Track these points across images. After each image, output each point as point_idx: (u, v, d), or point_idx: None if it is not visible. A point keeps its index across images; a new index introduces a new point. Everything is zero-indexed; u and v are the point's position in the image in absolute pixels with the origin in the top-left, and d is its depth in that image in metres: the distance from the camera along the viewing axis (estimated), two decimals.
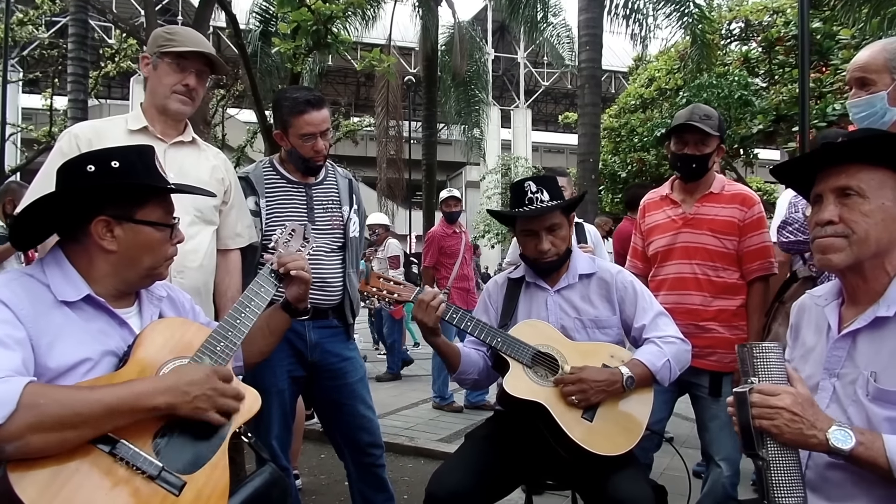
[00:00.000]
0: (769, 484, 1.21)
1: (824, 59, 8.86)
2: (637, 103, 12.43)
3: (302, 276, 1.65)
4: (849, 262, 1.29)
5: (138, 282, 1.44)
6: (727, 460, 2.38)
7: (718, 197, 2.50)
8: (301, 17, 3.71)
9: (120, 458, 1.17)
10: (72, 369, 1.24)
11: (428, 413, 5.35)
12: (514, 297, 2.19)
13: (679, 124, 2.44)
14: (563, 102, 34.18)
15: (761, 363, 1.26)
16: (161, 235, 1.42)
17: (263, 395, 2.26)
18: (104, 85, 18.81)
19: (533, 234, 2.09)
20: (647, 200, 2.73)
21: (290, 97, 2.30)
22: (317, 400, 2.54)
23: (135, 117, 2.04)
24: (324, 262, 2.35)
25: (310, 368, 2.38)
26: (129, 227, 1.36)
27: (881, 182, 1.27)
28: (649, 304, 2.13)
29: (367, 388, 2.50)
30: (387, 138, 18.16)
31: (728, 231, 2.45)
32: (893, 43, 1.84)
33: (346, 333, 2.47)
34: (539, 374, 1.96)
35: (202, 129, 3.34)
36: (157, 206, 1.41)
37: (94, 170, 1.32)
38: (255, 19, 11.94)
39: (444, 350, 2.05)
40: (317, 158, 2.34)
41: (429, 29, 15.63)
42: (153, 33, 2.09)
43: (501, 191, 23.00)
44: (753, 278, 2.45)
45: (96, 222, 1.33)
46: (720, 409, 2.39)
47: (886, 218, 1.26)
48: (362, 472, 2.46)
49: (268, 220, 2.33)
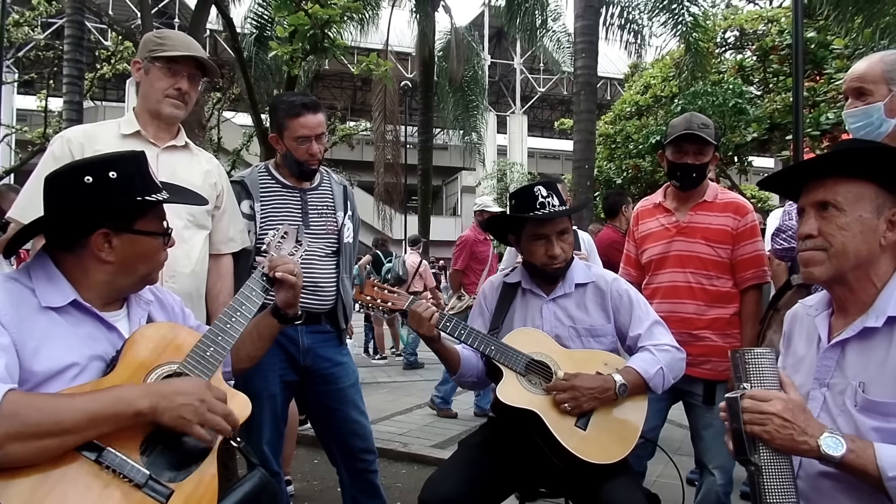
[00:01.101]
0: (761, 490, 1.21)
1: (818, 68, 8.91)
2: (632, 110, 12.45)
3: (287, 280, 1.61)
4: (830, 274, 1.31)
5: (131, 288, 1.44)
6: (721, 468, 2.37)
7: (712, 205, 2.50)
8: (298, 21, 3.70)
9: (106, 466, 1.15)
10: (59, 374, 1.23)
11: (422, 419, 5.34)
12: (508, 301, 2.19)
13: (681, 134, 2.43)
14: (558, 109, 34.26)
15: (754, 369, 1.26)
16: (157, 243, 1.43)
17: (254, 399, 2.25)
18: (100, 87, 18.77)
19: (545, 239, 2.07)
20: (641, 208, 2.73)
21: (287, 101, 2.34)
22: (309, 405, 2.53)
23: (127, 122, 2.03)
24: (317, 266, 2.35)
25: (302, 373, 2.37)
26: (126, 238, 1.36)
27: (859, 194, 1.29)
28: (645, 312, 2.12)
29: (360, 394, 2.49)
30: (384, 143, 18.18)
31: (721, 239, 2.45)
32: (891, 55, 1.85)
33: (338, 338, 2.47)
34: (533, 382, 1.96)
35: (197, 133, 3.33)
36: (154, 216, 1.42)
37: (93, 181, 1.30)
38: (250, 24, 11.94)
39: (445, 355, 2.06)
40: (311, 162, 2.35)
41: (426, 34, 15.66)
42: (144, 38, 2.09)
43: (497, 196, 23.02)
44: (747, 287, 2.45)
45: (97, 235, 1.32)
46: (714, 417, 2.38)
47: (864, 230, 1.28)
48: (355, 478, 2.45)
49: (262, 224, 2.33)
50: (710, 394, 2.41)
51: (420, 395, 6.21)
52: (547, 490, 2.17)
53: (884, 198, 1.28)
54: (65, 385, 1.22)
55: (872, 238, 1.27)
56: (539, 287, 2.17)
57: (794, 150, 5.47)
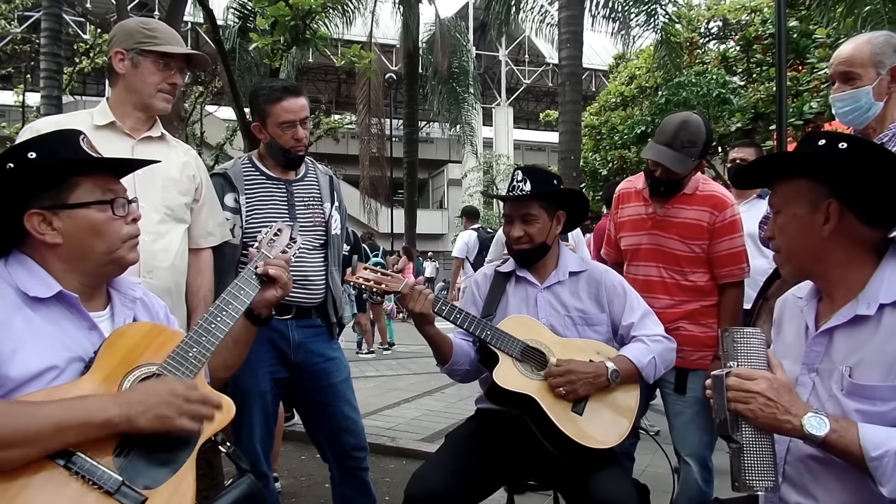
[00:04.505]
0: (741, 466, 1.22)
1: (801, 57, 8.97)
2: (617, 101, 12.47)
3: (281, 278, 1.55)
4: (793, 272, 1.37)
5: (100, 270, 1.34)
6: (693, 456, 2.38)
7: (690, 198, 2.42)
8: (279, 13, 3.64)
9: (76, 472, 1.09)
10: (36, 378, 1.16)
11: (410, 413, 5.32)
12: (500, 289, 2.19)
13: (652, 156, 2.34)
14: (544, 100, 34.24)
15: (742, 348, 1.27)
16: (104, 215, 1.30)
17: (244, 397, 2.24)
18: (79, 81, 18.44)
19: (509, 220, 2.15)
20: (623, 190, 2.66)
21: (267, 86, 2.29)
22: (299, 401, 2.49)
23: (101, 112, 1.97)
24: (306, 259, 2.30)
25: (293, 369, 2.32)
26: (65, 215, 1.27)
27: (794, 192, 1.31)
28: (637, 303, 2.15)
29: (352, 389, 2.45)
30: (369, 136, 18.06)
31: (696, 235, 2.39)
32: (879, 36, 1.83)
33: (329, 332, 2.42)
34: (528, 368, 1.96)
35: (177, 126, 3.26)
36: (93, 186, 1.30)
37: (14, 167, 1.24)
38: (233, 15, 11.78)
39: (437, 340, 2.03)
40: (297, 148, 2.29)
41: (409, 26, 15.56)
42: (127, 27, 2.01)
43: (484, 188, 23.03)
44: (725, 283, 2.43)
45: (28, 218, 1.25)
46: (685, 405, 2.40)
47: (801, 227, 1.30)
48: (346, 475, 2.42)
49: (248, 217, 2.28)
50: (682, 382, 2.40)
51: (408, 389, 6.20)
52: (536, 482, 2.16)
53: (818, 190, 1.27)
54: (42, 388, 1.16)
55: (812, 233, 1.28)
56: (532, 275, 2.17)
57: (777, 140, 5.50)
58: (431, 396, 5.93)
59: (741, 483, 1.22)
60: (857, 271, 1.28)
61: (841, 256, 1.28)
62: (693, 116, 2.36)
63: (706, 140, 2.34)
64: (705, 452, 2.39)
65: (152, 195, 1.93)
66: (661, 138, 2.34)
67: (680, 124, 2.32)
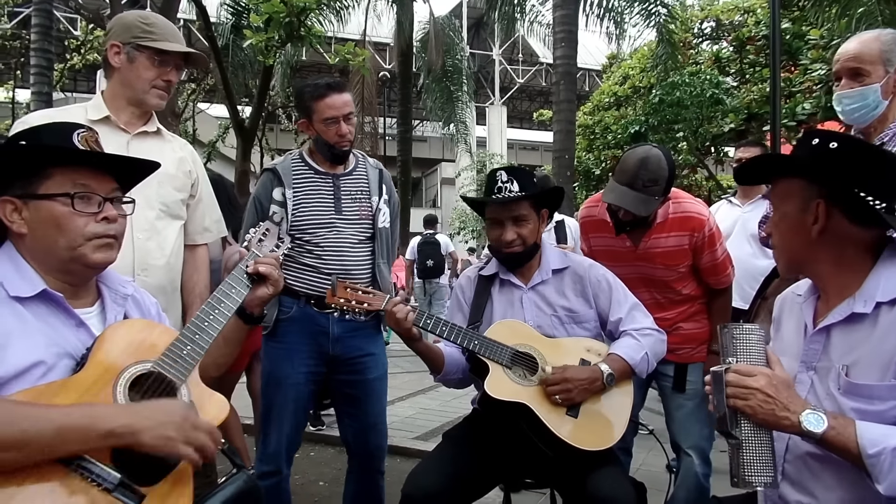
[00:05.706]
0: (740, 462, 1.22)
1: (793, 58, 9.01)
2: (611, 101, 12.50)
3: (271, 275, 1.54)
4: (788, 268, 1.40)
5: (65, 267, 1.28)
6: (695, 448, 2.38)
7: (664, 225, 2.33)
8: (273, 9, 3.64)
9: (75, 469, 1.08)
10: (23, 374, 1.14)
11: (404, 411, 5.30)
12: (485, 293, 2.16)
13: (612, 200, 2.21)
14: (537, 100, 34.25)
15: (741, 344, 1.26)
16: (65, 209, 1.25)
17: (278, 385, 2.27)
18: (70, 78, 18.32)
19: (498, 224, 2.08)
20: (588, 218, 2.52)
21: (311, 84, 2.33)
22: (334, 393, 2.50)
23: (95, 106, 1.95)
24: (349, 253, 2.32)
25: (330, 362, 2.33)
26: (32, 205, 1.25)
27: (786, 191, 1.33)
28: (623, 296, 2.13)
29: (385, 389, 2.46)
30: (362, 134, 18.01)
31: (680, 259, 2.36)
32: (887, 34, 1.83)
33: (374, 327, 2.42)
34: (518, 374, 1.94)
35: (171, 122, 3.25)
36: (64, 178, 1.26)
37: (2, 151, 1.25)
38: (226, 12, 11.70)
39: (427, 354, 2.01)
40: (342, 143, 2.32)
41: (403, 24, 15.53)
42: (125, 20, 1.98)
43: (477, 187, 22.99)
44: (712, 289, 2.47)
45: (1, 205, 1.24)
46: (686, 398, 2.41)
47: (791, 227, 1.32)
48: (363, 475, 2.45)
49: (294, 210, 2.29)
50: (681, 378, 2.42)
51: (402, 387, 6.18)
52: (533, 481, 2.16)
53: (809, 190, 1.28)
54: (30, 385, 1.14)
55: (802, 232, 1.29)
56: (516, 276, 2.15)
57: (771, 141, 5.53)
58: (426, 395, 5.92)
59: (740, 479, 1.22)
60: (850, 270, 1.28)
61: (831, 255, 1.29)
62: (653, 152, 2.20)
63: (668, 176, 2.20)
64: (706, 445, 2.40)
65: (147, 191, 1.90)
66: (622, 178, 2.20)
67: (639, 163, 2.17)
